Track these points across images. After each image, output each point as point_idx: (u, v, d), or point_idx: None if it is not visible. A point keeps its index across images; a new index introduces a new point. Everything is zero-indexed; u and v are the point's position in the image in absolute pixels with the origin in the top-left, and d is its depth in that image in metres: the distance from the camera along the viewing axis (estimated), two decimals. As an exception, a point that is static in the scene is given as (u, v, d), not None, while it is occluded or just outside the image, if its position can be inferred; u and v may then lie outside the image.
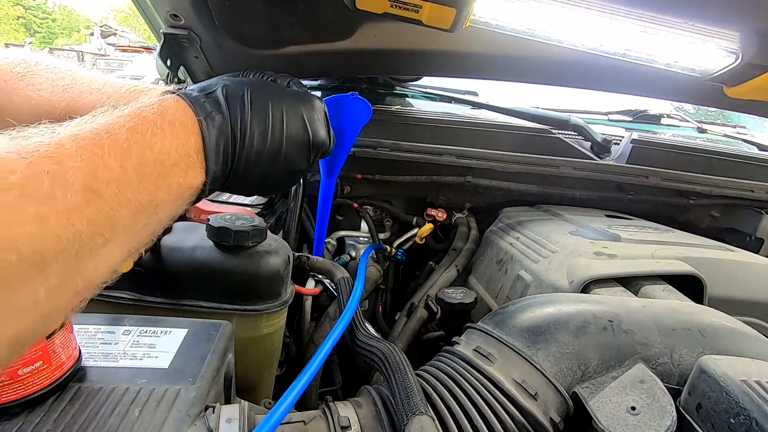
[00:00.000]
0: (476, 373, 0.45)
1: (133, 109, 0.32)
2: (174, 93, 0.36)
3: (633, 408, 0.40)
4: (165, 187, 0.32)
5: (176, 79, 0.82)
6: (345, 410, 0.43)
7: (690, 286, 0.68)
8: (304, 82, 0.52)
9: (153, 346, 0.43)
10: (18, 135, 0.26)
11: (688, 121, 1.46)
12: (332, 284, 0.73)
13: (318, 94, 0.79)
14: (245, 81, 0.41)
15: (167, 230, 0.59)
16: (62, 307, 0.27)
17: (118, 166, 0.28)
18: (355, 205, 1.09)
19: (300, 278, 0.77)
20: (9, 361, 0.26)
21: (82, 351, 0.40)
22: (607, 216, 1.02)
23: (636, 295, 0.66)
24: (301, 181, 0.92)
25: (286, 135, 0.40)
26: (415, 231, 1.12)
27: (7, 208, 0.22)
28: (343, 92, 0.67)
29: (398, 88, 1.24)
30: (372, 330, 0.61)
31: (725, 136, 1.41)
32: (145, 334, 0.45)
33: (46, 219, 0.24)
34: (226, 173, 0.38)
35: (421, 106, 1.21)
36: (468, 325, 0.54)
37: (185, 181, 0.34)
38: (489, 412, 0.41)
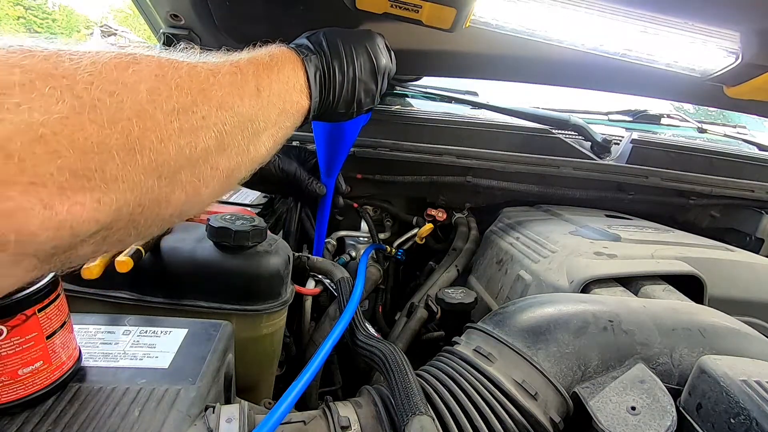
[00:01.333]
0: (476, 373, 0.45)
1: (265, 49, 0.44)
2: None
3: (633, 408, 0.40)
4: (290, 101, 0.44)
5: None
6: (345, 410, 0.43)
7: (690, 286, 0.68)
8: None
9: (153, 346, 0.43)
10: (203, 56, 0.36)
11: (688, 121, 1.45)
12: (332, 284, 0.73)
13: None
14: (321, 30, 0.52)
15: (167, 230, 0.59)
16: (248, 161, 0.39)
17: (267, 79, 0.40)
18: (355, 205, 1.09)
19: (300, 278, 0.77)
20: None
21: (82, 351, 0.40)
22: (607, 216, 1.02)
23: (636, 295, 0.66)
24: None
25: (357, 65, 0.51)
26: (415, 231, 1.12)
27: (226, 91, 0.35)
28: None
29: (398, 88, 1.23)
30: (372, 330, 0.61)
31: (725, 136, 1.41)
32: (145, 334, 0.45)
33: (243, 98, 0.36)
34: (322, 100, 0.49)
35: (421, 106, 1.21)
36: (468, 325, 0.54)
37: (299, 101, 0.46)
38: (489, 412, 0.41)
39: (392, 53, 0.58)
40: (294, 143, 0.96)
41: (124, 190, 0.27)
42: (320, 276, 0.77)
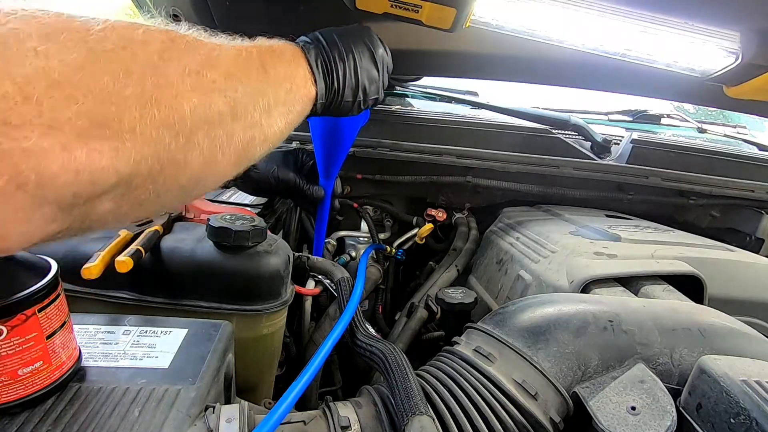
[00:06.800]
0: (476, 373, 0.45)
1: (262, 39, 0.42)
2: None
3: (633, 408, 0.40)
4: (297, 83, 0.44)
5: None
6: (345, 410, 0.43)
7: (690, 286, 0.68)
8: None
9: (153, 346, 0.43)
10: (204, 35, 0.35)
11: (688, 121, 1.46)
12: (332, 284, 0.73)
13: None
14: (314, 32, 0.54)
15: (167, 230, 0.59)
16: (262, 136, 0.39)
17: (271, 60, 0.41)
18: (355, 205, 1.09)
19: (300, 278, 0.77)
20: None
21: (82, 351, 0.40)
22: (607, 216, 1.02)
23: (636, 295, 0.66)
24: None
25: (356, 52, 0.52)
26: (415, 231, 1.12)
27: (231, 62, 0.35)
28: None
29: (398, 88, 1.24)
30: (372, 330, 0.61)
31: (725, 136, 1.41)
32: (145, 334, 0.45)
33: (249, 72, 0.37)
34: (328, 87, 0.49)
35: (421, 106, 1.21)
36: (468, 325, 0.54)
37: (306, 85, 0.46)
38: (489, 412, 0.41)
39: (386, 46, 0.60)
40: (294, 143, 0.97)
41: (142, 143, 0.28)
42: (320, 276, 0.77)
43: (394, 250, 1.08)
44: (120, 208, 0.29)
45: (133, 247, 0.51)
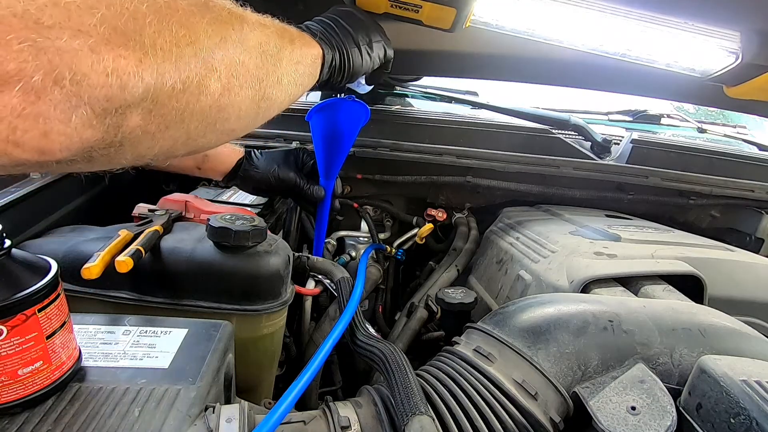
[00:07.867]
0: (476, 373, 0.45)
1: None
2: None
3: (633, 408, 0.40)
4: (299, 38, 0.49)
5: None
6: (345, 410, 0.43)
7: (690, 286, 0.68)
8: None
9: (153, 346, 0.43)
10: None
11: (688, 121, 1.46)
12: (332, 284, 0.73)
13: (317, 96, 0.79)
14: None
15: (167, 230, 0.59)
16: (275, 78, 0.43)
17: (268, 19, 0.44)
18: (355, 205, 1.09)
19: (300, 278, 0.77)
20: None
21: (82, 351, 0.40)
22: (607, 216, 1.02)
23: (636, 295, 0.66)
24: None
25: (339, 15, 0.57)
26: (415, 231, 1.12)
27: (231, 6, 0.38)
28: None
29: (398, 88, 1.24)
30: (372, 330, 0.61)
31: (725, 136, 1.41)
32: (145, 334, 0.45)
33: (249, 18, 0.40)
34: (329, 44, 0.54)
35: (421, 106, 1.22)
36: (468, 325, 0.54)
37: (307, 44, 0.50)
38: (489, 412, 0.41)
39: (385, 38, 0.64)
40: (294, 143, 0.97)
41: (163, 58, 0.30)
42: (320, 276, 0.77)
43: (394, 250, 1.08)
44: (148, 125, 0.31)
45: (133, 247, 0.51)
